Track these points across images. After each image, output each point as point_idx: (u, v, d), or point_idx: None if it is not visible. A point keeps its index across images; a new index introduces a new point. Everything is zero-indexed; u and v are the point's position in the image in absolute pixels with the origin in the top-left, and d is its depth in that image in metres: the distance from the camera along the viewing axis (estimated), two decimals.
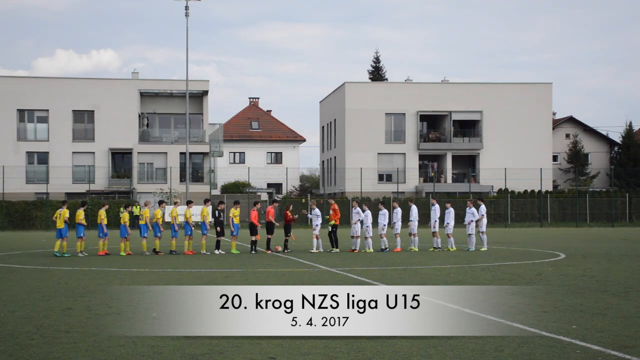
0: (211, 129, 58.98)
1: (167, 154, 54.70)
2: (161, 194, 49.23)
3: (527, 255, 21.07)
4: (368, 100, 58.43)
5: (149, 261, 19.46)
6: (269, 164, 73.50)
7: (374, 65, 79.73)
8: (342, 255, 21.31)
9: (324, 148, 68.15)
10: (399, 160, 58.88)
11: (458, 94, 59.24)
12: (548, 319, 9.34)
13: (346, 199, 53.20)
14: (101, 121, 53.71)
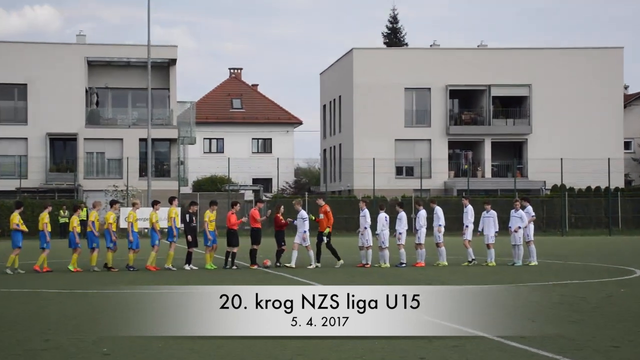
0: (180, 108, 58.87)
1: (122, 141, 54.66)
2: (115, 192, 49.15)
3: (590, 271, 21.11)
4: (382, 72, 58.39)
5: (99, 279, 19.47)
6: (255, 153, 73.48)
7: (390, 27, 79.68)
8: (349, 271, 21.25)
9: (326, 133, 68.11)
10: (422, 148, 58.86)
11: (499, 63, 59.20)
12: (620, 355, 9.26)
13: (354, 198, 53.19)
14: (36, 98, 53.66)
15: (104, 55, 56.22)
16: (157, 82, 55.53)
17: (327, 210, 22.92)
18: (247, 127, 73.76)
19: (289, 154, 71.67)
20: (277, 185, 57.01)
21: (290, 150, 73.18)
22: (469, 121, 59.86)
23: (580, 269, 22.11)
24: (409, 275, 19.83)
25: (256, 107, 75.73)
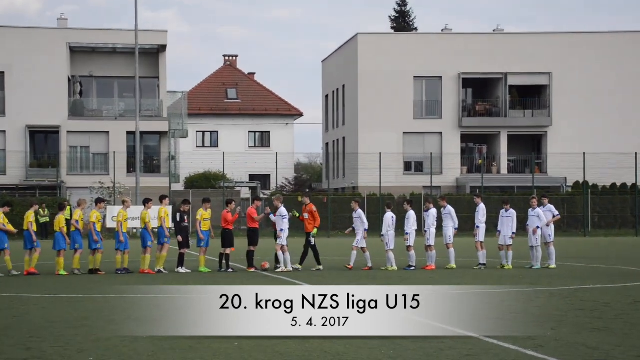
0: (171, 99, 58.87)
1: (108, 134, 54.72)
2: (101, 189, 49.20)
3: (616, 275, 21.12)
4: (390, 59, 58.39)
5: (85, 283, 19.53)
6: (252, 147, 73.50)
7: (398, 10, 79.70)
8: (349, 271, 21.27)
9: (329, 126, 68.11)
10: (433, 142, 58.87)
11: (516, 50, 59.19)
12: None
13: (359, 196, 53.18)
14: (14, 88, 53.70)
15: (88, 41, 56.24)
16: (146, 70, 55.56)
17: (312, 210, 22.90)
18: (243, 119, 73.78)
19: (289, 148, 71.70)
20: (276, 182, 57.09)
21: (290, 144, 73.19)
22: (484, 112, 59.85)
23: (603, 272, 22.10)
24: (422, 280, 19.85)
25: (253, 97, 75.74)
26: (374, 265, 23.07)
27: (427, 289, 10.01)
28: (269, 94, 76.92)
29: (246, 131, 73.96)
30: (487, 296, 16.12)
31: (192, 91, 73.08)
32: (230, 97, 75.45)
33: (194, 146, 71.72)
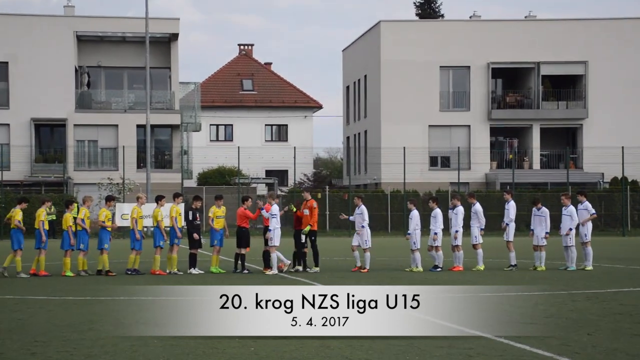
0: (183, 90, 58.98)
1: (117, 128, 54.92)
2: (109, 185, 49.41)
3: None
4: (414, 48, 58.26)
5: (93, 285, 19.63)
6: (269, 141, 73.58)
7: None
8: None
9: (350, 118, 68.05)
10: (460, 135, 58.71)
11: (550, 37, 58.89)
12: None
13: (381, 192, 53.18)
14: (18, 79, 53.99)
15: (95, 30, 56.44)
16: (157, 60, 55.72)
17: (313, 207, 22.84)
18: (259, 112, 73.86)
19: (307, 142, 71.73)
20: (294, 177, 57.05)
21: (308, 138, 73.21)
22: (515, 104, 59.59)
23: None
24: (439, 277, 19.78)
25: (270, 88, 75.80)
26: (398, 266, 22.99)
27: (428, 289, 10.50)
28: (286, 85, 76.94)
29: (262, 124, 74.02)
30: (520, 299, 16.11)
31: (205, 82, 73.20)
32: (246, 89, 75.53)
33: (207, 140, 71.87)
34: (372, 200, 51.67)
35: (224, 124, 74.05)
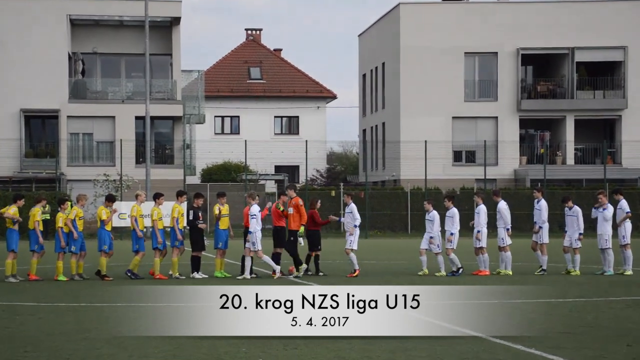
0: (186, 79, 58.96)
1: (114, 120, 54.99)
2: (105, 182, 49.48)
3: None
4: (437, 33, 58.13)
5: (87, 290, 19.62)
6: (278, 134, 73.58)
7: None
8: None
9: (366, 110, 67.97)
10: (487, 128, 58.57)
11: (585, 20, 58.65)
12: None
13: (401, 190, 53.08)
14: (7, 66, 54.04)
15: (91, 13, 56.47)
16: (157, 46, 55.74)
17: (298, 204, 22.74)
18: (268, 103, 73.86)
19: (320, 135, 71.69)
20: (306, 174, 56.95)
21: (321, 131, 73.17)
22: (547, 94, 59.39)
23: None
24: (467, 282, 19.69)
25: (279, 77, 75.80)
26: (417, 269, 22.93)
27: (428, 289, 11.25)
28: (297, 73, 76.91)
29: (271, 116, 74.00)
30: (552, 306, 16.02)
31: (209, 70, 73.24)
32: (254, 77, 75.55)
33: (211, 133, 71.91)
34: (390, 199, 51.66)
35: (230, 115, 74.07)
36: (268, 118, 73.81)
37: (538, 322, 13.58)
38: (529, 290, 18.70)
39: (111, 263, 23.43)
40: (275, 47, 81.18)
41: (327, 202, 44.94)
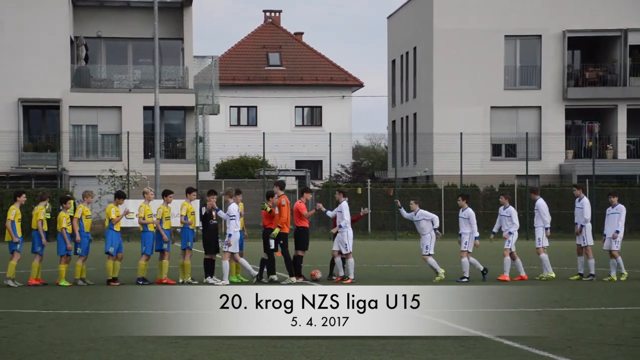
0: (199, 66, 59.04)
1: (121, 110, 55.16)
2: (111, 178, 49.65)
3: None
4: (474, 14, 57.96)
5: (93, 296, 19.73)
6: (299, 126, 73.59)
7: None
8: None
9: (396, 99, 67.87)
10: (529, 119, 58.38)
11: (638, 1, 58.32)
12: None
13: (434, 187, 52.97)
14: (3, 52, 54.25)
15: None
16: (167, 29, 55.87)
17: (281, 204, 22.56)
18: (289, 91, 73.89)
19: (345, 127, 71.66)
20: (330, 169, 56.94)
21: (346, 123, 73.12)
22: (596, 80, 59.11)
23: None
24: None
25: (300, 63, 75.79)
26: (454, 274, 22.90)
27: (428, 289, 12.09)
28: (320, 59, 76.88)
29: (292, 106, 74.02)
30: (602, 315, 15.96)
31: (224, 56, 73.33)
32: (272, 64, 75.57)
33: (226, 125, 72.01)
34: (422, 197, 51.48)
35: (247, 105, 74.12)
36: (288, 108, 73.80)
37: (589, 333, 13.54)
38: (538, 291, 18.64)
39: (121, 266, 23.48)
40: (296, 31, 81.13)
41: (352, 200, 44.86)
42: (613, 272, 23.18)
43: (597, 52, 60.04)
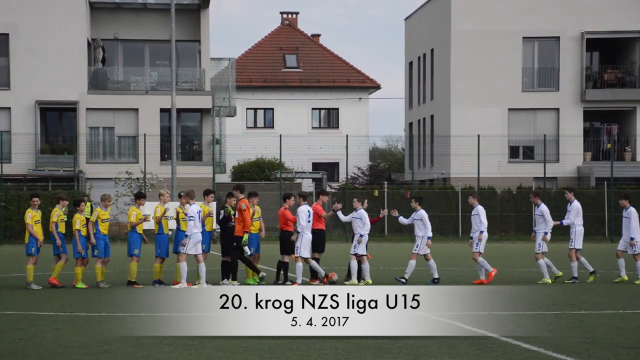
0: (215, 68, 59.10)
1: (137, 112, 55.26)
2: (128, 181, 49.77)
3: None
4: (492, 15, 57.88)
5: (109, 298, 19.82)
6: (316, 128, 73.61)
7: None
8: None
9: (413, 101, 67.81)
10: (547, 121, 58.26)
11: None
12: None
13: (451, 190, 52.88)
14: (21, 54, 54.47)
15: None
16: (184, 31, 55.98)
17: (241, 208, 22.38)
18: (306, 93, 73.92)
19: (362, 129, 71.67)
20: (346, 171, 56.90)
21: (363, 125, 73.12)
22: (614, 82, 58.92)
23: None
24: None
25: (317, 65, 75.83)
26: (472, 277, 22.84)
27: (428, 289, 12.22)
28: (337, 61, 76.89)
29: (309, 108, 74.06)
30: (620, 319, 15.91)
31: (241, 58, 73.43)
32: (289, 66, 75.62)
33: (243, 127, 72.10)
34: (439, 199, 51.48)
35: (263, 107, 74.19)
36: (305, 110, 73.86)
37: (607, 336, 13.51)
38: None
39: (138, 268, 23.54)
40: (313, 32, 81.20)
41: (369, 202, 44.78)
42: (622, 272, 23.13)
43: (615, 53, 59.86)
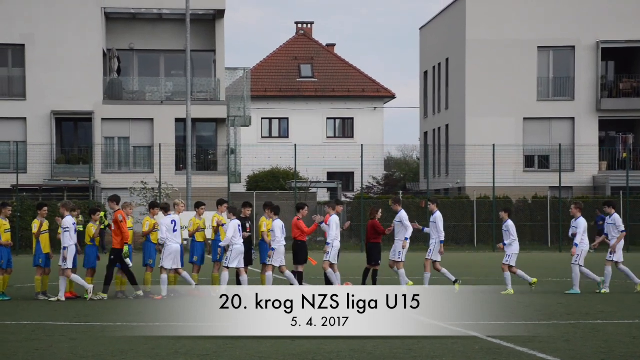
0: (230, 78, 59.21)
1: (153, 122, 55.41)
2: (143, 190, 49.88)
3: None
4: (506, 25, 57.87)
5: (124, 309, 19.84)
6: (331, 138, 73.65)
7: None
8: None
9: (428, 110, 67.79)
10: (562, 130, 58.18)
11: None
12: None
13: (466, 200, 52.82)
14: (36, 64, 54.66)
15: (127, 6, 56.94)
16: (199, 42, 56.14)
17: (117, 219, 21.86)
18: (321, 103, 74.00)
19: (377, 139, 71.67)
20: (361, 181, 56.84)
21: (378, 134, 73.15)
22: (630, 92, 58.82)
23: None
24: None
25: (332, 75, 75.91)
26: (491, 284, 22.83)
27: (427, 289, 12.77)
28: (352, 70, 76.97)
29: (324, 118, 74.13)
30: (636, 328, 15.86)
31: (256, 68, 73.56)
32: (304, 75, 75.72)
33: (258, 137, 72.20)
34: (454, 209, 51.42)
35: (278, 117, 74.29)
36: (320, 120, 73.91)
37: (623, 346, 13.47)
38: None
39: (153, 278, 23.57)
40: (328, 42, 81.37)
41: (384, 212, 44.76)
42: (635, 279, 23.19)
43: (631, 63, 59.77)
